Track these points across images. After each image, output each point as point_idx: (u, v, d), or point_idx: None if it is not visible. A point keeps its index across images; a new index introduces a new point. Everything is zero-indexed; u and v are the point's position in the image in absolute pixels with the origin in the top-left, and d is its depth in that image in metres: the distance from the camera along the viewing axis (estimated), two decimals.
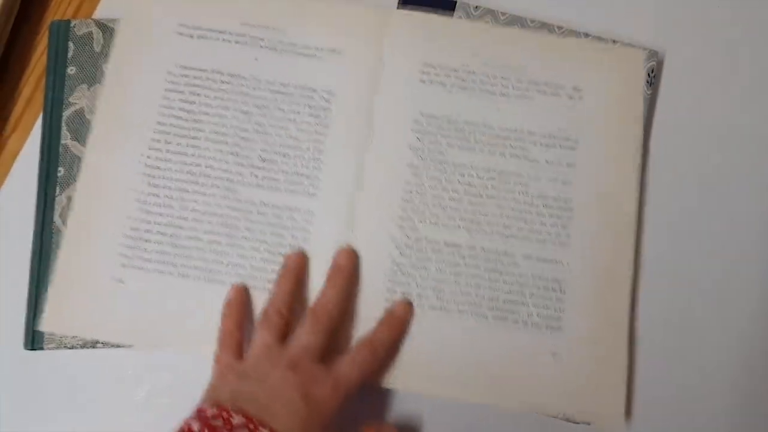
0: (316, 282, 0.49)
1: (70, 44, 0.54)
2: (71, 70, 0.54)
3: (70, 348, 0.50)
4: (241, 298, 0.49)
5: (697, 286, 0.52)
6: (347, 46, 0.54)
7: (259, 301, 0.49)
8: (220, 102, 0.52)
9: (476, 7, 0.55)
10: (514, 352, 0.49)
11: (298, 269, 0.49)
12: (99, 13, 0.57)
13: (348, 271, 0.49)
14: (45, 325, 0.49)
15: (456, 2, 0.55)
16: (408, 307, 0.49)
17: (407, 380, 0.48)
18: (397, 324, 0.49)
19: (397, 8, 0.55)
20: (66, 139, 0.52)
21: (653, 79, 0.54)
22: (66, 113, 0.53)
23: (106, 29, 0.55)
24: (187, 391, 0.48)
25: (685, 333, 0.51)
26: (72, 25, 0.55)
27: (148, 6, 0.54)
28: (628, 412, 0.49)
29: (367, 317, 0.49)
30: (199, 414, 0.42)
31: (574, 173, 0.52)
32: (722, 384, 0.51)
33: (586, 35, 0.55)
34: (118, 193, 0.51)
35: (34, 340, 0.50)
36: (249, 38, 0.53)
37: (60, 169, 0.52)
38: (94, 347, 0.50)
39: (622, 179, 0.52)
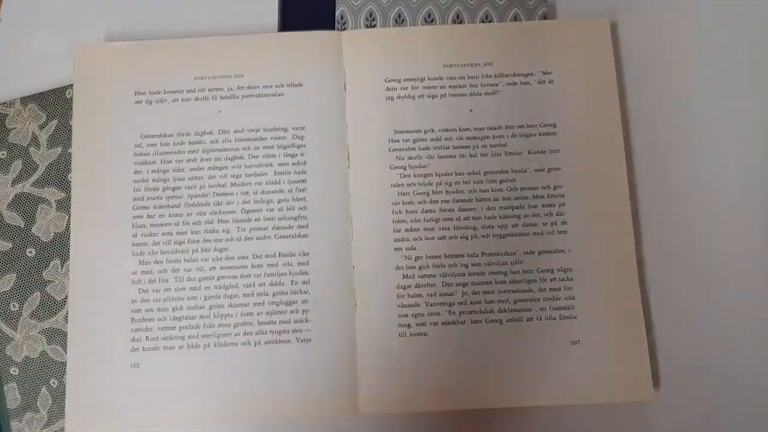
0: None
1: None
2: None
3: None
4: None
5: (699, 245, 0.52)
6: (307, 77, 0.52)
7: (275, 354, 0.49)
8: (192, 164, 0.51)
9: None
10: (534, 350, 0.49)
11: None
12: None
13: None
14: (68, 426, 0.48)
15: (335, 21, 0.55)
16: None
17: (432, 401, 0.48)
18: None
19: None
20: None
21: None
22: None
23: None
24: None
25: (697, 295, 0.51)
26: None
27: (102, 81, 0.52)
28: (656, 382, 0.50)
29: (384, 348, 0.49)
30: None
31: (559, 158, 0.51)
32: (743, 339, 0.51)
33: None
34: (114, 279, 0.50)
35: None
36: (207, 91, 0.52)
37: None
38: None
39: (609, 153, 0.51)
